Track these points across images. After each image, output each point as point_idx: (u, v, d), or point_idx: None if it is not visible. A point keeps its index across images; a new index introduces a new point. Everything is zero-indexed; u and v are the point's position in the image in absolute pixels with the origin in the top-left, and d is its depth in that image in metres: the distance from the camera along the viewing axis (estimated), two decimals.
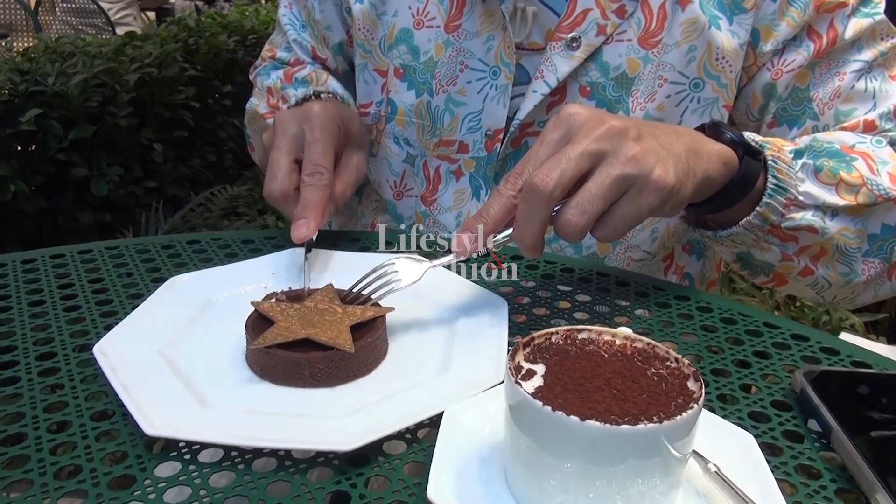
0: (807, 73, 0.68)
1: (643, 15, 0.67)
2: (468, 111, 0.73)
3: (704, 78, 0.68)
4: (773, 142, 0.59)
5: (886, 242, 0.62)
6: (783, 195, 0.57)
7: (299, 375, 0.45)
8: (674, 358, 0.37)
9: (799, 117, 0.69)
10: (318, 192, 0.60)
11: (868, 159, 0.61)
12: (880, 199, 0.59)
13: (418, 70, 0.74)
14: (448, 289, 0.57)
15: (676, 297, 0.60)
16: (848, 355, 0.51)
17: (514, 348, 0.37)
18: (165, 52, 2.54)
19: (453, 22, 0.72)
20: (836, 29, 0.66)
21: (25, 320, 0.54)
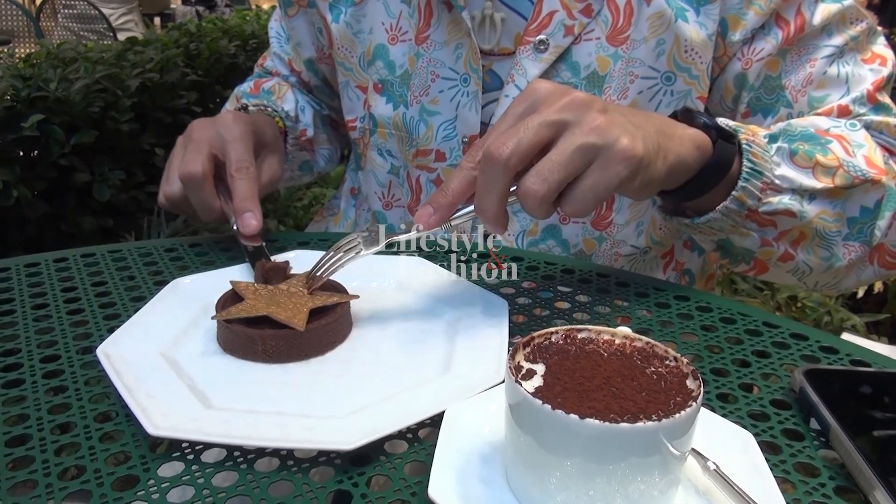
0: (778, 60, 0.68)
1: (610, 12, 0.68)
2: (442, 120, 0.74)
3: (675, 71, 0.69)
4: (747, 127, 0.58)
5: (866, 225, 0.61)
6: (759, 179, 0.56)
7: (254, 350, 0.48)
8: (672, 357, 0.37)
9: (773, 105, 0.69)
10: (249, 183, 0.62)
11: (843, 142, 0.61)
12: (857, 180, 0.59)
13: (395, 83, 0.76)
14: (449, 289, 0.58)
15: (676, 297, 0.60)
16: (847, 354, 0.51)
17: (514, 348, 0.37)
18: (167, 57, 2.55)
19: (422, 34, 0.73)
20: (803, 15, 0.66)
21: (29, 323, 0.54)
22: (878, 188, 0.60)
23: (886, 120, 0.67)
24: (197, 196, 0.62)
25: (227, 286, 0.54)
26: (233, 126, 0.65)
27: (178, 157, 0.64)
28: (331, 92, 0.89)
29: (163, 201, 0.66)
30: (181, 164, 0.62)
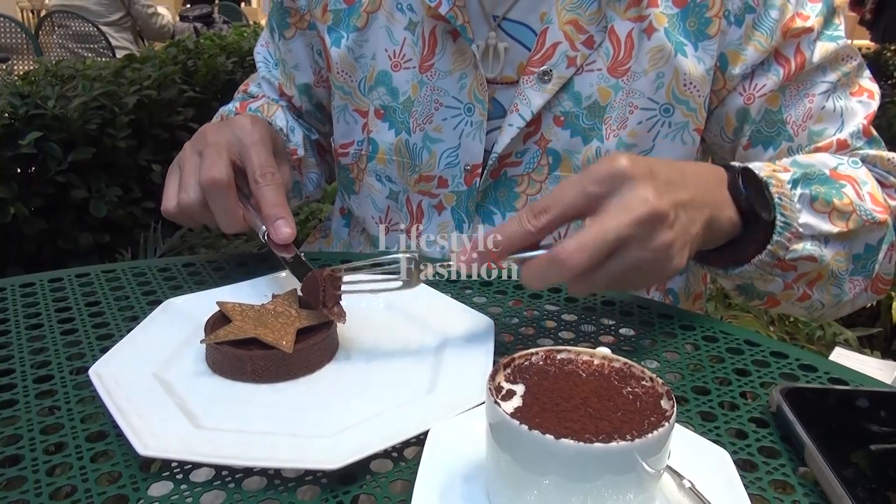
0: (778, 96, 0.70)
1: (611, 45, 0.69)
2: (445, 147, 0.75)
3: (673, 103, 0.70)
4: (774, 176, 0.60)
5: (869, 260, 0.65)
6: (788, 230, 0.58)
7: (243, 370, 0.49)
8: (649, 377, 0.38)
9: (774, 138, 0.72)
10: (277, 189, 0.60)
11: (855, 184, 0.64)
12: (867, 223, 0.63)
13: (397, 110, 0.76)
14: (436, 308, 0.59)
15: (660, 315, 0.61)
16: (826, 372, 0.52)
17: (495, 369, 0.38)
18: (164, 74, 2.57)
19: (426, 62, 0.74)
20: (803, 53, 0.69)
21: (24, 343, 0.55)
22: (882, 228, 0.65)
23: (880, 153, 0.71)
24: (220, 204, 0.59)
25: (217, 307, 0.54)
26: (252, 130, 0.62)
27: (192, 163, 0.62)
28: (323, 117, 0.89)
29: (172, 210, 0.62)
30: (200, 169, 0.60)
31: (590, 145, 0.71)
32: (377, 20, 0.76)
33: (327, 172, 0.94)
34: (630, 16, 0.69)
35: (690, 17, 0.68)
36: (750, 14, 0.68)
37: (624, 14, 0.69)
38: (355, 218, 0.86)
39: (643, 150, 0.71)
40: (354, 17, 0.77)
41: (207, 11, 4.37)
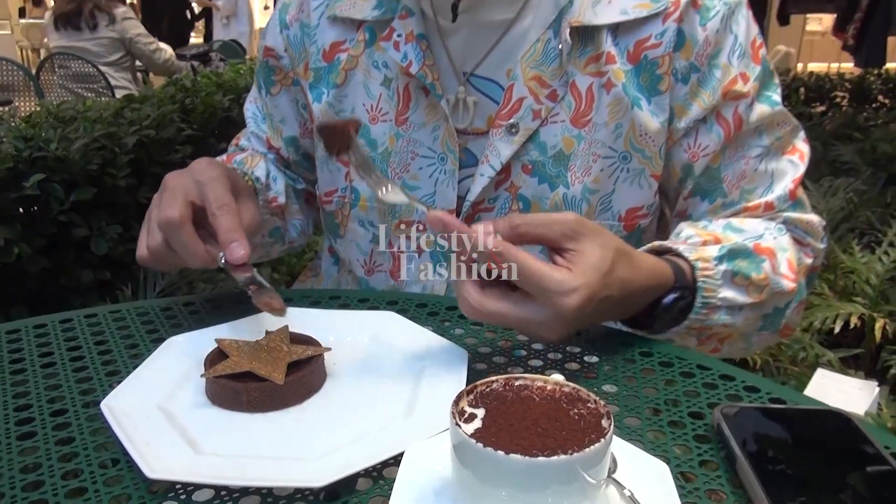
0: (719, 155, 0.77)
1: (573, 98, 0.76)
2: (422, 194, 0.81)
3: (631, 151, 0.77)
4: (703, 256, 0.68)
5: (776, 319, 0.75)
6: (706, 307, 0.67)
7: (239, 401, 0.54)
8: (593, 400, 0.43)
9: (711, 193, 0.79)
10: (231, 217, 0.64)
11: (772, 257, 0.72)
12: (777, 293, 0.72)
13: (377, 160, 0.82)
14: (416, 341, 0.64)
15: (622, 343, 0.67)
16: (767, 393, 0.58)
17: (459, 395, 0.44)
18: (163, 113, 2.64)
19: (401, 116, 0.80)
20: (740, 116, 0.76)
21: (39, 380, 0.61)
22: (790, 295, 0.74)
23: (801, 216, 0.79)
24: (179, 240, 0.63)
25: (216, 343, 0.60)
26: (207, 170, 0.67)
27: (154, 210, 0.66)
28: (310, 166, 0.94)
29: (144, 255, 0.66)
30: (158, 212, 0.64)
31: (556, 191, 0.77)
32: (355, 77, 0.82)
33: (313, 220, 0.99)
34: (590, 71, 0.75)
35: (643, 73, 0.75)
36: (695, 73, 0.75)
37: (584, 69, 0.75)
38: (342, 259, 0.91)
39: (605, 193, 0.78)
40: (334, 75, 0.83)
41: (204, 50, 4.49)
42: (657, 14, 0.73)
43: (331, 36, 0.83)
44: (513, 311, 0.56)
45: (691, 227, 0.75)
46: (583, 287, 0.55)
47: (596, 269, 0.57)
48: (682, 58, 0.74)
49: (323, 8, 0.84)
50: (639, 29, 0.74)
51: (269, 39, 0.89)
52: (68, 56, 3.61)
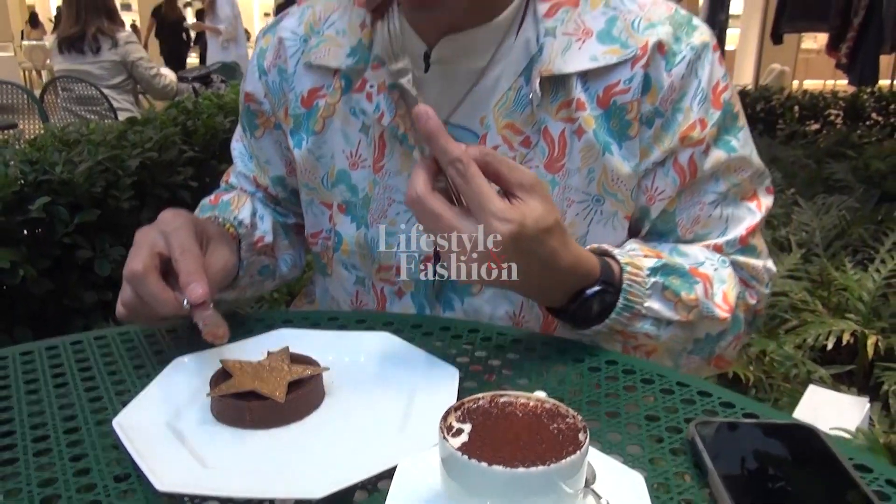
0: (674, 200, 0.80)
1: (546, 144, 0.77)
2: (399, 239, 0.83)
3: (604, 195, 0.78)
4: (634, 262, 0.71)
5: (708, 345, 0.78)
6: (630, 311, 0.70)
7: (242, 418, 0.58)
8: (572, 415, 0.47)
9: (667, 234, 0.82)
10: (192, 260, 0.66)
11: (707, 283, 0.75)
12: (707, 317, 0.75)
13: (357, 205, 0.84)
14: (410, 360, 0.68)
15: (606, 361, 0.70)
16: (741, 408, 0.61)
17: (447, 411, 0.47)
18: (165, 135, 2.69)
19: (378, 163, 0.82)
20: (695, 163, 0.78)
21: (52, 400, 0.64)
22: (722, 323, 0.77)
23: (748, 261, 0.82)
24: (145, 291, 0.65)
25: (219, 363, 0.63)
26: (172, 220, 0.70)
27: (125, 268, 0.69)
28: (299, 202, 0.94)
29: (121, 312, 0.69)
30: (125, 268, 0.67)
31: None
32: (333, 124, 0.83)
33: (305, 252, 1.00)
34: (561, 116, 0.76)
35: (613, 118, 0.76)
36: (659, 118, 0.76)
37: (556, 115, 0.76)
38: (331, 296, 0.93)
39: (580, 235, 0.79)
40: (312, 121, 0.84)
41: (206, 72, 4.56)
42: (626, 60, 0.75)
43: (308, 82, 0.85)
44: (447, 215, 0.59)
45: (638, 242, 0.78)
46: (516, 223, 0.59)
47: (534, 219, 0.60)
48: (647, 102, 0.76)
49: (299, 55, 0.85)
50: (608, 74, 0.75)
51: (248, 85, 0.90)
52: (72, 79, 3.67)
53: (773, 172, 3.79)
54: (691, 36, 0.77)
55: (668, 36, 0.76)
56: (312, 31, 0.85)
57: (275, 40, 0.87)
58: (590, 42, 0.75)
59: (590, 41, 0.76)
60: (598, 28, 0.76)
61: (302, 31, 0.86)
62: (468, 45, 0.77)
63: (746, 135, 0.81)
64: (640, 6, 0.77)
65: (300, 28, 0.86)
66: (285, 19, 0.88)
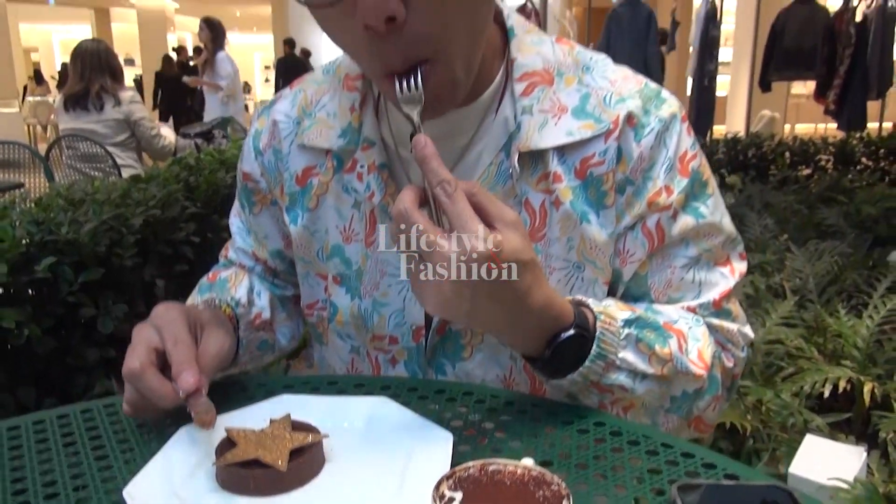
0: (646, 263, 0.83)
1: (528, 214, 0.81)
2: (392, 310, 0.86)
3: (584, 262, 0.82)
4: (606, 312, 0.73)
5: (685, 404, 0.79)
6: (604, 361, 0.72)
7: (247, 486, 0.60)
8: (556, 483, 0.50)
9: (641, 298, 0.85)
10: (184, 350, 0.69)
11: (681, 338, 0.78)
12: (681, 373, 0.77)
13: (351, 277, 0.88)
14: (406, 425, 0.70)
15: (595, 423, 0.73)
16: (723, 469, 0.64)
17: (439, 480, 0.50)
18: (168, 192, 2.75)
19: (369, 237, 0.86)
20: (662, 228, 0.82)
21: (64, 469, 0.67)
22: (698, 380, 0.79)
23: (722, 324, 0.85)
24: (144, 387, 0.68)
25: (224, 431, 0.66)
26: (164, 314, 0.74)
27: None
28: (296, 273, 0.96)
29: (127, 411, 0.72)
30: (123, 367, 0.69)
31: None
32: (326, 201, 0.87)
33: (302, 323, 1.03)
34: (541, 188, 0.80)
35: (591, 188, 0.80)
36: (630, 186, 0.81)
37: (535, 187, 0.80)
38: (327, 364, 0.96)
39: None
40: (307, 199, 0.89)
41: (207, 128, 4.66)
42: (600, 134, 0.79)
43: (302, 162, 0.89)
44: (429, 230, 0.61)
45: (614, 300, 0.80)
46: (495, 246, 0.61)
47: (511, 249, 0.62)
48: (619, 171, 0.80)
49: (292, 136, 0.89)
50: (584, 147, 0.80)
51: (245, 165, 0.94)
52: (77, 137, 3.76)
53: (765, 218, 3.87)
54: (660, 108, 0.81)
55: (637, 109, 0.80)
56: (305, 113, 0.89)
57: (269, 122, 0.92)
58: (565, 118, 0.80)
59: (565, 117, 0.80)
60: (572, 105, 0.81)
61: (295, 113, 0.90)
62: (452, 126, 0.82)
63: (716, 202, 0.85)
64: (612, 82, 0.82)
65: (293, 111, 0.91)
66: (279, 102, 0.93)
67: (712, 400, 0.82)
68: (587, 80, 0.82)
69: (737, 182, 4.61)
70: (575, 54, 0.85)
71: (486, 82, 0.82)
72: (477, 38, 0.73)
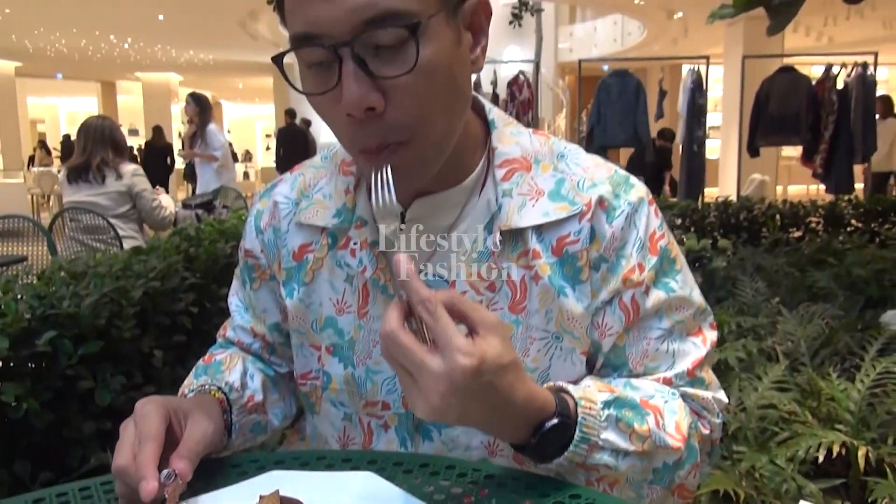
0: (623, 335, 0.89)
1: (509, 288, 0.88)
2: (384, 377, 0.92)
3: (562, 332, 0.88)
4: (587, 396, 0.78)
5: (666, 475, 0.84)
6: (587, 443, 0.76)
7: None
8: None
9: (620, 367, 0.91)
10: (149, 449, 0.72)
11: (658, 414, 0.83)
12: (660, 448, 0.81)
13: (344, 347, 0.93)
14: (389, 501, 0.74)
15: (570, 496, 0.76)
16: None
17: None
18: (169, 264, 2.80)
19: (362, 309, 0.92)
20: (637, 302, 0.88)
21: None
22: (677, 452, 0.83)
23: (697, 393, 0.90)
24: (132, 482, 0.71)
25: None
26: (142, 408, 0.78)
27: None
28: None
29: (122, 502, 0.76)
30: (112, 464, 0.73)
31: None
32: (321, 275, 0.94)
33: (295, 403, 1.08)
34: (521, 264, 0.87)
35: (567, 265, 0.87)
36: (604, 263, 0.88)
37: (516, 263, 0.87)
38: (319, 433, 1.01)
39: (543, 369, 0.88)
40: (303, 273, 0.95)
41: (209, 199, 4.76)
42: (574, 215, 0.86)
43: (299, 239, 0.95)
44: (415, 350, 0.66)
45: (592, 378, 0.87)
46: (478, 358, 0.66)
47: (494, 355, 0.67)
48: (594, 250, 0.87)
49: (291, 216, 0.96)
50: (559, 227, 0.87)
51: (247, 243, 1.01)
52: (79, 210, 3.84)
53: (756, 281, 3.91)
54: (629, 193, 0.89)
55: (608, 193, 0.88)
56: (303, 195, 0.97)
57: (270, 203, 1.00)
58: (542, 200, 0.87)
59: (542, 199, 0.88)
60: (548, 188, 0.88)
61: (294, 195, 0.98)
62: (438, 206, 0.89)
63: (685, 277, 0.91)
64: (584, 169, 0.90)
65: (292, 193, 0.98)
66: (279, 185, 1.01)
67: (692, 468, 0.87)
68: (562, 166, 0.90)
69: (728, 246, 4.68)
70: (550, 144, 0.93)
71: (470, 168, 0.89)
72: (450, 126, 0.81)
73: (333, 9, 0.70)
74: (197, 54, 18.71)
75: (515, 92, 7.47)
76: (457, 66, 0.78)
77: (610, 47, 17.22)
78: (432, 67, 0.74)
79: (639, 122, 6.68)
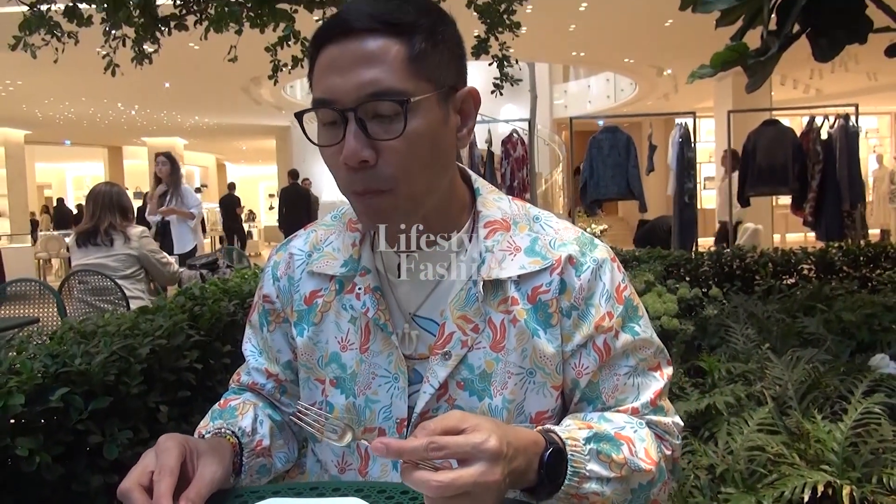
0: (597, 373, 1.04)
1: (490, 330, 1.02)
2: (381, 406, 1.05)
3: (535, 368, 1.02)
4: (572, 435, 0.91)
5: (642, 493, 0.97)
6: (577, 476, 0.89)
7: None
8: None
9: (594, 400, 1.04)
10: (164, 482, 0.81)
11: (630, 444, 0.96)
12: (635, 471, 0.94)
13: (346, 380, 1.07)
14: None
15: None
16: None
17: None
18: (174, 322, 2.91)
19: (364, 346, 1.06)
20: (608, 345, 1.03)
21: None
22: (649, 474, 0.97)
23: (659, 419, 1.05)
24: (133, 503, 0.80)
25: None
26: (164, 443, 0.87)
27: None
28: None
29: None
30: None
31: (483, 402, 1.02)
32: (328, 317, 1.09)
33: (298, 447, 1.20)
34: (501, 309, 1.02)
35: (539, 311, 1.02)
36: (575, 311, 1.03)
37: (497, 308, 1.02)
38: (320, 461, 1.12)
39: (519, 401, 1.02)
40: (312, 315, 1.10)
41: (213, 259, 4.90)
42: (546, 268, 1.02)
43: (310, 286, 1.10)
44: (464, 472, 0.76)
45: (572, 418, 1.01)
46: (492, 433, 0.79)
47: (493, 427, 0.80)
48: (565, 300, 1.02)
49: (304, 266, 1.11)
50: (534, 278, 1.02)
51: (265, 289, 1.15)
52: (88, 272, 3.98)
53: (747, 329, 3.99)
54: (593, 251, 1.05)
55: (576, 252, 1.04)
56: (315, 248, 1.12)
57: (286, 255, 1.14)
58: (519, 255, 1.03)
59: (519, 255, 1.03)
60: (524, 245, 1.04)
61: (307, 248, 1.13)
62: (433, 259, 1.05)
63: (646, 321, 1.08)
64: (555, 230, 1.06)
65: (306, 246, 1.13)
66: (294, 240, 1.17)
67: (662, 486, 1.01)
68: (536, 228, 1.06)
69: (718, 294, 4.78)
70: (527, 209, 1.10)
71: (458, 227, 1.05)
72: (427, 185, 0.96)
73: (345, 83, 0.89)
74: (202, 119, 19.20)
75: (510, 149, 7.70)
76: (440, 139, 0.95)
77: (604, 103, 17.69)
78: (417, 136, 0.91)
79: (630, 176, 6.89)
